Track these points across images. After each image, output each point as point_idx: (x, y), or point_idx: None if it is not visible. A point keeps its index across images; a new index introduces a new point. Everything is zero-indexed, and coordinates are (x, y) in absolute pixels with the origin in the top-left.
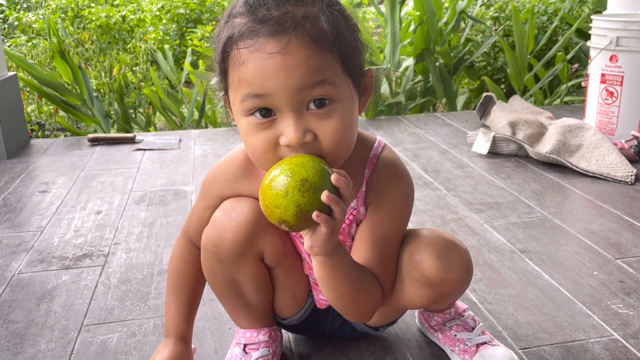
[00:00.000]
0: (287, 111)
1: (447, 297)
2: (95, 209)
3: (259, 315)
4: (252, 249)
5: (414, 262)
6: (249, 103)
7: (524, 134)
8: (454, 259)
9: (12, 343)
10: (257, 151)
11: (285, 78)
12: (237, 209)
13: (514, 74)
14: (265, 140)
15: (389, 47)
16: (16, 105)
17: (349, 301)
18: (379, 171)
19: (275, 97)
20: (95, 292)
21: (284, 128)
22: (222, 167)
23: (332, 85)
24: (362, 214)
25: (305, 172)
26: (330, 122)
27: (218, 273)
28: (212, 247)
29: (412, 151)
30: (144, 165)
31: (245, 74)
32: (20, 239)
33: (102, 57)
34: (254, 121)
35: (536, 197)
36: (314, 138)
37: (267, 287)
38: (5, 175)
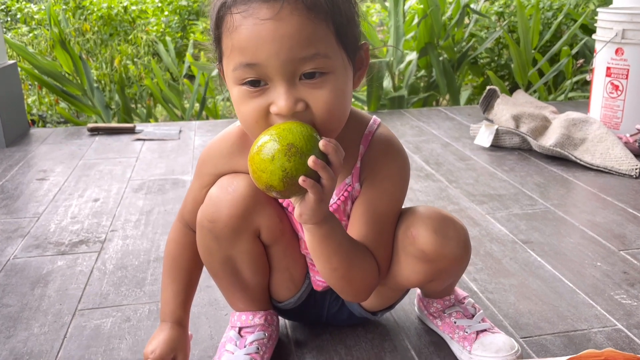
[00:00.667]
0: (279, 80)
1: (445, 275)
2: (93, 197)
3: (255, 297)
4: (249, 224)
5: (409, 236)
6: (240, 72)
7: (527, 127)
8: (450, 234)
9: (5, 326)
10: (249, 120)
11: (278, 49)
12: (233, 184)
13: (518, 69)
14: (257, 108)
15: (392, 40)
16: (16, 93)
17: (343, 275)
18: (374, 147)
19: (267, 66)
20: (91, 277)
21: (275, 97)
22: (217, 144)
23: (325, 58)
24: (357, 190)
25: (292, 136)
26: (322, 92)
27: (214, 251)
28: (207, 223)
29: (414, 144)
30: (143, 154)
31: (239, 41)
32: (16, 225)
33: (104, 48)
34: (245, 90)
35: (539, 190)
36: (305, 107)
37: (263, 266)
38: (3, 163)
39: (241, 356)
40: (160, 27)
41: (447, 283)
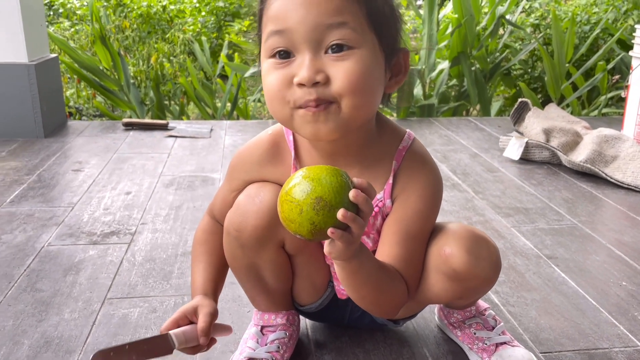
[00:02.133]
0: (304, 50)
1: (473, 294)
2: (125, 190)
3: (277, 300)
4: (273, 235)
5: (442, 255)
6: (271, 41)
7: (558, 141)
8: (483, 254)
9: (37, 310)
10: (272, 89)
11: (306, 13)
12: (260, 195)
13: (551, 82)
14: (281, 77)
15: (425, 49)
16: (56, 86)
17: (371, 301)
18: (407, 164)
19: (295, 32)
20: (120, 267)
21: (298, 67)
22: (249, 150)
23: (351, 30)
24: (388, 206)
25: (322, 188)
26: (345, 64)
27: (239, 257)
28: (234, 231)
29: (442, 153)
30: (174, 151)
31: (272, 11)
32: (51, 214)
33: (141, 45)
34: (273, 62)
35: (567, 205)
36: (326, 79)
37: (286, 273)
38: (41, 153)
39: (262, 353)
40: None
41: (472, 300)
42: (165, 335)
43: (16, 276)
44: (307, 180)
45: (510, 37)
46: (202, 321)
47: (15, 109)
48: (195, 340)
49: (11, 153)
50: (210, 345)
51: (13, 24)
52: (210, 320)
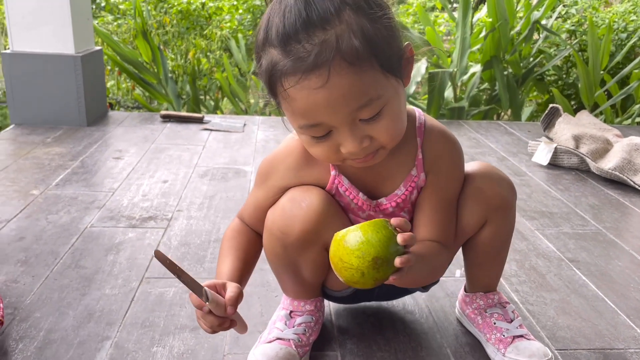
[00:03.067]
0: (342, 128)
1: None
2: (162, 178)
3: (308, 290)
4: (319, 239)
5: (467, 180)
6: (306, 130)
7: (587, 148)
8: (501, 177)
9: (81, 285)
10: (322, 158)
11: (335, 109)
12: (306, 200)
13: (585, 89)
14: (327, 149)
15: (457, 51)
16: (99, 77)
17: (422, 282)
18: (430, 138)
19: (329, 122)
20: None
21: (343, 140)
22: (281, 157)
23: (377, 99)
24: (423, 179)
25: (374, 250)
26: (382, 123)
27: (280, 255)
28: (278, 232)
29: (470, 155)
30: (209, 143)
31: (298, 110)
32: (93, 197)
33: (180, 40)
34: (312, 137)
35: (592, 211)
36: (370, 141)
37: (324, 270)
38: (84, 141)
39: (290, 334)
40: (233, 24)
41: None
42: (202, 287)
43: (61, 253)
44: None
45: (544, 43)
46: (231, 291)
47: (61, 98)
48: (222, 308)
49: (56, 139)
50: (231, 326)
51: (62, 17)
52: (238, 292)
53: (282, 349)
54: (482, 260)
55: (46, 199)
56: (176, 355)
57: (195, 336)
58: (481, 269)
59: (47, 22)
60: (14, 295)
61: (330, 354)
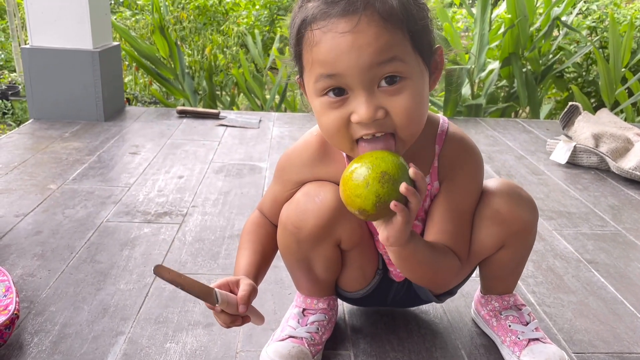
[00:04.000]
0: (359, 89)
1: (514, 241)
2: (178, 174)
3: (322, 288)
4: (332, 234)
5: (484, 200)
6: (322, 83)
7: (607, 147)
8: (522, 199)
9: (96, 279)
10: (330, 129)
11: (357, 56)
12: (320, 195)
13: (605, 86)
14: (338, 118)
15: (475, 48)
16: (117, 73)
17: (429, 279)
18: (449, 146)
19: (347, 76)
20: (172, 246)
21: (356, 106)
22: (298, 152)
23: (402, 62)
24: (436, 188)
25: (385, 165)
26: (401, 98)
27: (294, 250)
28: (292, 227)
29: (487, 153)
30: (225, 139)
31: (319, 55)
32: (110, 192)
33: (197, 36)
34: (327, 100)
35: (612, 212)
36: (385, 114)
37: (337, 267)
38: (101, 136)
39: (302, 332)
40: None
41: (514, 256)
42: (212, 290)
43: (77, 248)
44: (369, 160)
45: (564, 39)
46: (243, 290)
47: (79, 93)
48: (234, 307)
49: (74, 134)
50: (244, 322)
51: (81, 12)
52: (251, 291)
53: (295, 347)
54: (497, 274)
55: (63, 193)
56: (189, 351)
57: (208, 333)
58: (496, 280)
59: (65, 18)
60: (30, 289)
61: (343, 353)
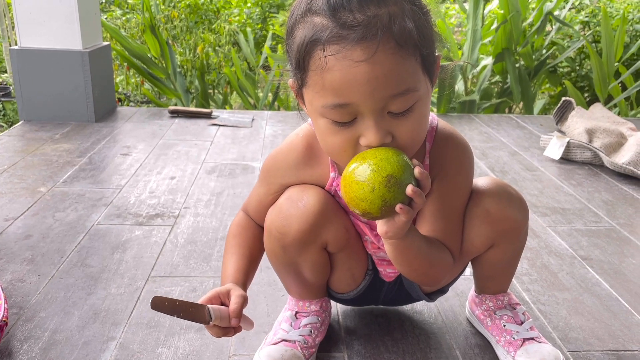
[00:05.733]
0: (369, 115)
1: (504, 240)
2: (170, 175)
3: (312, 291)
4: (317, 239)
5: (474, 199)
6: (331, 111)
7: (601, 142)
8: (512, 197)
9: (86, 284)
10: (336, 149)
11: (372, 89)
12: (303, 199)
13: (599, 81)
14: (345, 140)
15: (468, 44)
16: (107, 73)
17: (422, 273)
18: (439, 143)
19: (360, 105)
20: (164, 248)
21: (365, 130)
22: (283, 154)
23: (414, 92)
24: None
25: (391, 167)
26: (409, 123)
27: (280, 255)
28: (276, 232)
29: (481, 150)
30: (217, 139)
31: (332, 83)
32: (101, 194)
33: (188, 35)
34: (333, 124)
35: (606, 207)
36: (392, 138)
37: (325, 271)
38: (92, 137)
39: (295, 336)
40: (242, 17)
41: (505, 255)
42: (204, 307)
43: (68, 251)
44: (373, 161)
45: (557, 34)
46: (235, 302)
47: (69, 94)
48: (226, 320)
49: (64, 136)
50: (236, 332)
51: (70, 12)
52: (242, 303)
53: (288, 351)
54: (490, 273)
55: (53, 196)
56: (181, 356)
57: (200, 337)
58: (489, 280)
59: (54, 18)
60: (19, 294)
61: (337, 355)
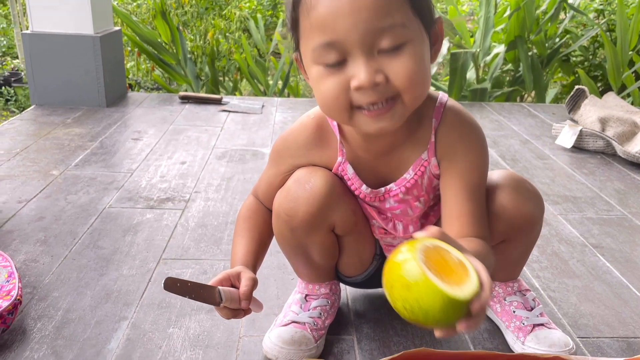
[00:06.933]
0: (358, 54)
1: (518, 234)
2: (181, 160)
3: (321, 274)
4: (325, 221)
5: (490, 193)
6: (320, 51)
7: (614, 131)
8: (529, 193)
9: (99, 265)
10: (328, 97)
11: (356, 20)
12: (310, 181)
13: (612, 70)
14: (337, 84)
15: (480, 31)
16: (118, 58)
17: None
18: (447, 120)
19: (346, 40)
20: (175, 231)
21: (355, 70)
22: (294, 134)
23: (402, 27)
24: (434, 165)
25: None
26: (402, 60)
27: (288, 238)
28: (284, 215)
29: (492, 138)
30: (227, 125)
31: (317, 19)
32: (112, 178)
33: (199, 21)
34: (325, 67)
35: (618, 196)
36: (385, 80)
37: (333, 253)
38: (103, 122)
39: (305, 318)
40: (252, 4)
41: (518, 249)
42: (215, 288)
43: (80, 233)
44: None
45: (571, 22)
46: (245, 285)
47: (80, 79)
48: (236, 302)
49: (76, 120)
50: (246, 314)
51: None
52: (252, 285)
53: (298, 333)
54: (501, 265)
55: (65, 179)
56: (192, 336)
57: (211, 318)
58: (500, 270)
59: (66, 2)
60: (33, 274)
61: (347, 337)
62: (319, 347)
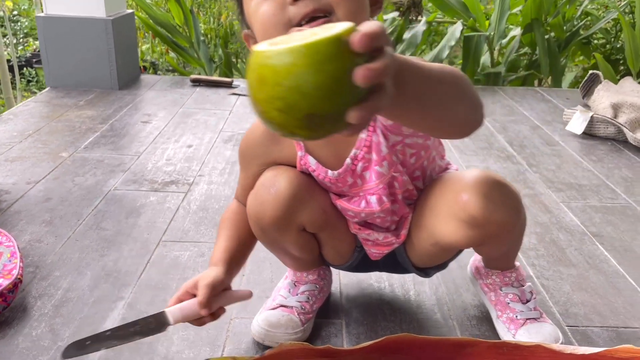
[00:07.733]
0: None
1: (496, 241)
2: (187, 143)
3: (305, 264)
4: (292, 222)
5: (459, 202)
6: None
7: (626, 117)
8: (501, 199)
9: (100, 246)
10: (265, 17)
11: None
12: (275, 185)
13: (631, 54)
14: (273, 3)
15: (496, 13)
16: (131, 41)
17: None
18: None
19: None
20: (176, 214)
21: None
22: (252, 134)
23: None
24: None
25: (307, 102)
26: None
27: (261, 237)
28: (254, 217)
29: (501, 123)
30: (236, 108)
31: None
32: (119, 161)
33: (212, 3)
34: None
35: (625, 184)
36: None
37: (312, 248)
38: (114, 104)
39: (293, 302)
40: None
41: (501, 249)
42: (159, 314)
43: (84, 215)
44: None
45: (591, 4)
46: (200, 294)
47: (93, 61)
48: (195, 313)
49: (88, 102)
50: (218, 315)
51: None
52: (208, 292)
53: (285, 316)
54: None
55: (74, 161)
56: None
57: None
58: (492, 261)
59: None
60: (37, 254)
61: (336, 321)
62: (305, 330)
